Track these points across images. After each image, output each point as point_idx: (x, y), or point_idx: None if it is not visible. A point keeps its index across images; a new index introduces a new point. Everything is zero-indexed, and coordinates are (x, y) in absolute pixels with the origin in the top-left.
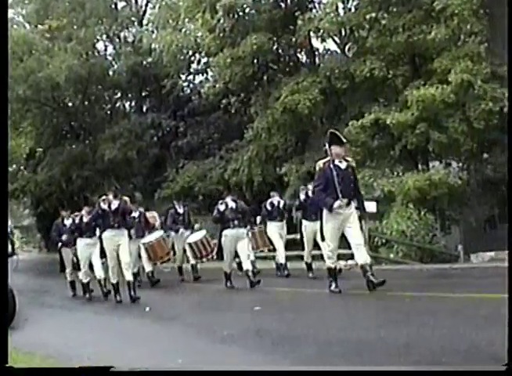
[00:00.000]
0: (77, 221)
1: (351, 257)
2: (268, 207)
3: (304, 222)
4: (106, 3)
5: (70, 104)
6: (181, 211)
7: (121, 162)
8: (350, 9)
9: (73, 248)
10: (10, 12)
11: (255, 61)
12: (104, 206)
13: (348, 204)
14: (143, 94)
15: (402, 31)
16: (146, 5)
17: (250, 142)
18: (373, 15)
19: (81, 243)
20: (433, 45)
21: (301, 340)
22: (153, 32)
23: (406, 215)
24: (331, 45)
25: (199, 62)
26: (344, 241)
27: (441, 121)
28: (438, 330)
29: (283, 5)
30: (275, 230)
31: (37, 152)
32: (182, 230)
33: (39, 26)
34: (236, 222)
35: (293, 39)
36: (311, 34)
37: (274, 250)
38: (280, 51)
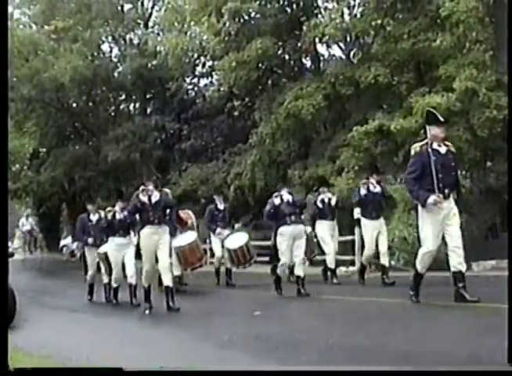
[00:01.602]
0: (109, 217)
1: (352, 263)
2: (319, 205)
3: (363, 220)
4: (112, 5)
5: (74, 105)
6: (221, 207)
7: (124, 164)
8: (355, 15)
9: (98, 248)
10: (16, 13)
11: (260, 65)
12: (144, 198)
13: (448, 197)
14: (147, 96)
15: (407, 38)
16: (152, 8)
17: (253, 147)
18: (379, 21)
19: (113, 243)
20: (438, 52)
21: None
22: (158, 35)
23: (408, 222)
24: (336, 50)
25: (204, 65)
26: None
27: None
28: (437, 337)
29: (288, 10)
30: (327, 231)
31: (40, 152)
32: (219, 230)
33: (45, 26)
34: (292, 217)
35: (299, 44)
36: (317, 39)
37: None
38: (285, 56)
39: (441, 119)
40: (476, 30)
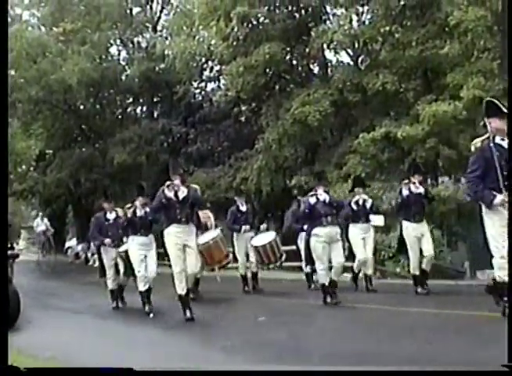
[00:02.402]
0: (129, 215)
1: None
2: (354, 207)
3: (405, 223)
4: (121, 8)
5: (81, 107)
6: (243, 208)
7: (130, 167)
8: (364, 22)
9: (117, 248)
10: (25, 14)
11: (267, 71)
12: (170, 194)
13: None
14: (155, 100)
15: (415, 45)
16: (161, 12)
17: (260, 152)
18: (387, 28)
19: (134, 242)
20: (446, 60)
21: None
22: (166, 38)
23: None
24: (344, 57)
25: (211, 69)
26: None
27: (451, 136)
28: (440, 346)
29: (297, 15)
30: (360, 235)
31: (47, 154)
32: (244, 227)
33: (54, 28)
34: (329, 218)
35: (307, 50)
36: (325, 45)
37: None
38: (293, 61)
39: (504, 110)
40: (484, 38)
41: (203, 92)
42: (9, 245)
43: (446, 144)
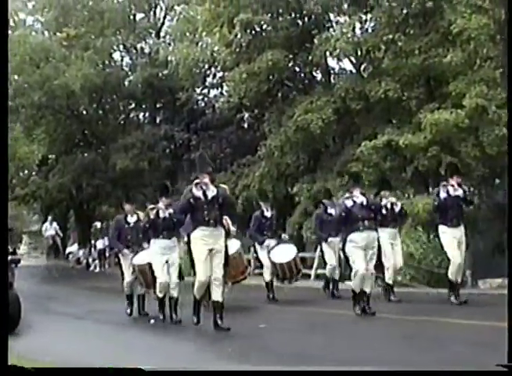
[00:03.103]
0: (151, 216)
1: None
2: (383, 211)
3: (442, 227)
4: (124, 14)
5: (84, 112)
6: (268, 214)
7: (133, 172)
8: (367, 30)
9: (136, 253)
10: (29, 19)
11: (270, 78)
12: (198, 193)
13: None
14: (157, 106)
15: (418, 54)
16: (164, 18)
17: (262, 159)
18: (390, 36)
19: (156, 246)
20: (448, 68)
21: None
22: (169, 44)
23: (415, 238)
24: (347, 64)
25: (214, 76)
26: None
27: (453, 145)
28: (439, 355)
29: (300, 23)
30: (388, 240)
31: (49, 159)
32: (267, 242)
33: (57, 34)
34: (366, 222)
35: (309, 57)
36: (327, 53)
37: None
38: (296, 69)
39: None
40: (487, 47)
41: (205, 99)
42: (11, 250)
43: (448, 152)
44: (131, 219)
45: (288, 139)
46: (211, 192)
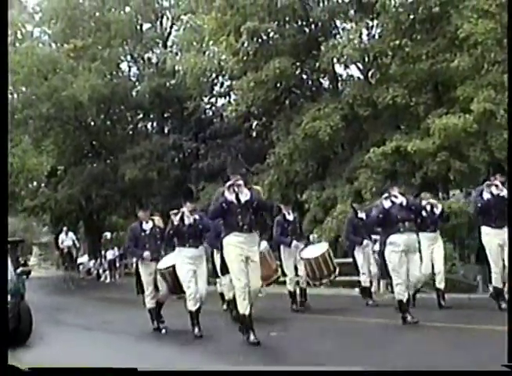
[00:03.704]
0: (175, 222)
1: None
2: (423, 213)
3: (485, 229)
4: (131, 24)
5: (92, 123)
6: (290, 217)
7: (142, 182)
8: (374, 36)
9: (157, 262)
10: (36, 31)
11: (278, 85)
12: (231, 197)
13: None
14: (165, 115)
15: (425, 59)
16: (171, 27)
17: (271, 167)
18: (397, 42)
19: (182, 255)
20: (456, 73)
21: None
22: (177, 54)
23: None
24: (354, 71)
25: (222, 85)
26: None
27: (462, 149)
28: (449, 361)
29: (307, 30)
30: (428, 245)
31: (58, 170)
32: (295, 242)
33: (65, 45)
34: (406, 224)
35: (317, 64)
36: (335, 60)
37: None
38: (303, 76)
39: None
40: (494, 51)
41: (213, 108)
42: (22, 261)
43: (457, 157)
44: (147, 226)
45: (296, 146)
46: (245, 195)
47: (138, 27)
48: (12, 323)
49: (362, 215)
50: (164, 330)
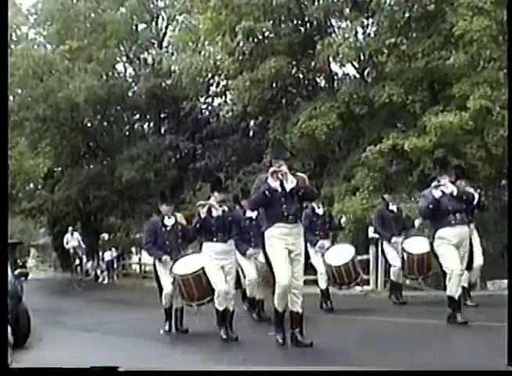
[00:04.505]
0: (202, 214)
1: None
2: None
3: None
4: (126, 25)
5: (88, 124)
6: (320, 211)
7: (139, 183)
8: (369, 35)
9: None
10: (31, 33)
11: (274, 85)
12: (274, 184)
13: None
14: (162, 116)
15: (421, 57)
16: (166, 28)
17: (269, 167)
18: (393, 40)
19: (210, 250)
20: (452, 70)
21: None
22: (172, 54)
23: None
24: (350, 69)
25: (218, 84)
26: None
27: (459, 147)
28: (449, 358)
29: (302, 29)
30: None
31: (55, 171)
32: (321, 242)
33: (60, 46)
34: (458, 216)
35: (312, 63)
36: (330, 58)
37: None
38: (299, 75)
39: None
40: (490, 48)
41: (210, 108)
42: (21, 263)
43: (454, 155)
44: (169, 222)
45: (293, 145)
46: (290, 182)
47: (134, 28)
48: (10, 325)
49: (393, 207)
50: (162, 331)
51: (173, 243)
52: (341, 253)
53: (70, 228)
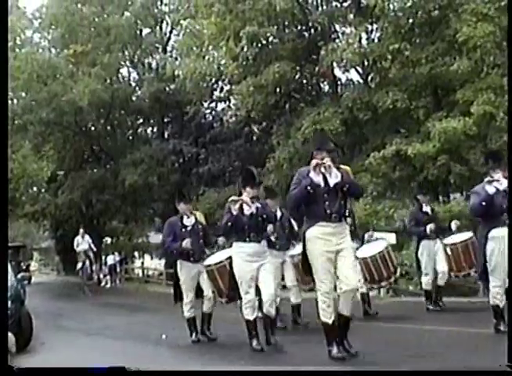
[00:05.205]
0: (234, 212)
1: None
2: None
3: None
4: (130, 29)
5: (92, 128)
6: (428, 209)
7: (142, 187)
8: (373, 40)
9: (197, 263)
10: (36, 37)
11: (277, 90)
12: (317, 179)
13: None
14: (165, 120)
15: (424, 63)
16: (171, 32)
17: (271, 172)
18: (396, 46)
19: (241, 251)
20: (455, 76)
21: None
22: (176, 59)
23: None
24: (354, 75)
25: (221, 89)
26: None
27: (462, 152)
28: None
29: (306, 34)
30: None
31: (58, 175)
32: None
33: (64, 50)
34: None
35: (316, 69)
36: (334, 64)
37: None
38: (303, 80)
39: None
40: (493, 54)
41: (213, 112)
42: (24, 267)
43: (457, 161)
44: (188, 221)
45: (297, 150)
46: (334, 177)
47: (138, 33)
48: (12, 328)
49: (427, 208)
50: (164, 336)
51: (194, 244)
52: (374, 247)
53: (81, 230)
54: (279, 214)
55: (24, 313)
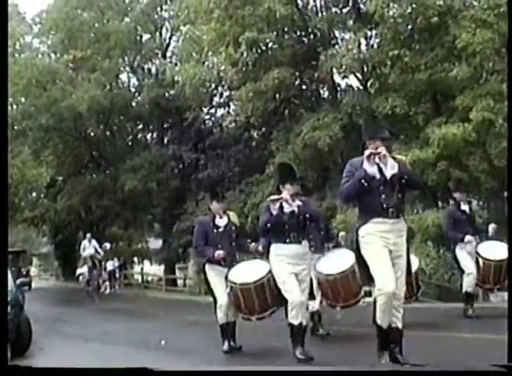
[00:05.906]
0: (273, 211)
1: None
2: None
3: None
4: (130, 35)
5: (91, 134)
6: (466, 207)
7: (141, 193)
8: (372, 46)
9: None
10: (35, 42)
11: (277, 96)
12: (371, 170)
13: None
14: (165, 126)
15: (424, 69)
16: (170, 38)
17: (270, 177)
18: (396, 52)
19: (281, 252)
20: (455, 82)
21: None
22: (176, 65)
23: (425, 253)
24: (353, 81)
25: (221, 95)
26: None
27: (462, 158)
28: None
29: (305, 40)
30: None
31: (57, 181)
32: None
33: (64, 56)
34: None
35: (316, 74)
36: (334, 70)
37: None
38: (302, 86)
39: None
40: (492, 60)
41: (213, 118)
42: (24, 272)
43: (457, 166)
44: (221, 222)
45: (296, 156)
46: (391, 168)
47: (138, 38)
48: (11, 334)
49: (465, 207)
50: (163, 342)
51: (227, 246)
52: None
53: (88, 235)
54: None
55: (23, 319)
